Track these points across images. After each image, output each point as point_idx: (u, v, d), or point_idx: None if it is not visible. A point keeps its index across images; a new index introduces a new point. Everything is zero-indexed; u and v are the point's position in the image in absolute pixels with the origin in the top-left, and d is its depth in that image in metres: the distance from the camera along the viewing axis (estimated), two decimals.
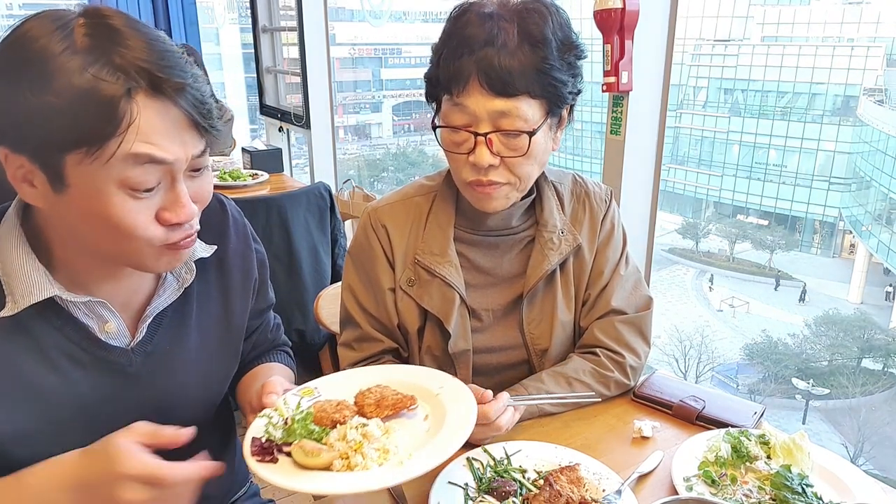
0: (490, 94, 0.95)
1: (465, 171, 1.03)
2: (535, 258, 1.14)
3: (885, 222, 20.33)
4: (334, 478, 0.76)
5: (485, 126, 0.98)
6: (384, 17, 25.31)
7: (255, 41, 4.24)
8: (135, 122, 0.69)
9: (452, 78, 0.97)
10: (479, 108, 0.97)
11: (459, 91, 0.97)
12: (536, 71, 0.96)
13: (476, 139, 0.98)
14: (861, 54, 23.08)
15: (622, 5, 1.74)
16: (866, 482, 0.92)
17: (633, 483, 0.92)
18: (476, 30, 0.96)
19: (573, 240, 1.15)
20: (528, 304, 1.15)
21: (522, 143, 0.99)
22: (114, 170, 0.70)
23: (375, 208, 1.18)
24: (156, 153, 0.71)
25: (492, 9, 0.98)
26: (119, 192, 0.71)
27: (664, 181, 4.53)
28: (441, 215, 1.14)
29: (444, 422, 0.85)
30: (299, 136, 4.04)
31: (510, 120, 0.97)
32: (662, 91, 1.94)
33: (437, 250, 1.12)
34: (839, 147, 22.95)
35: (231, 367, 1.01)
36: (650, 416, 1.11)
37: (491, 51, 0.94)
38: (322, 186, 2.70)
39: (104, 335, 0.84)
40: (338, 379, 0.96)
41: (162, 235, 0.76)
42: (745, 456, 0.95)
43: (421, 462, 0.78)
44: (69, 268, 0.81)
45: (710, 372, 16.13)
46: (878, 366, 15.65)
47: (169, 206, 0.75)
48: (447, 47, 0.99)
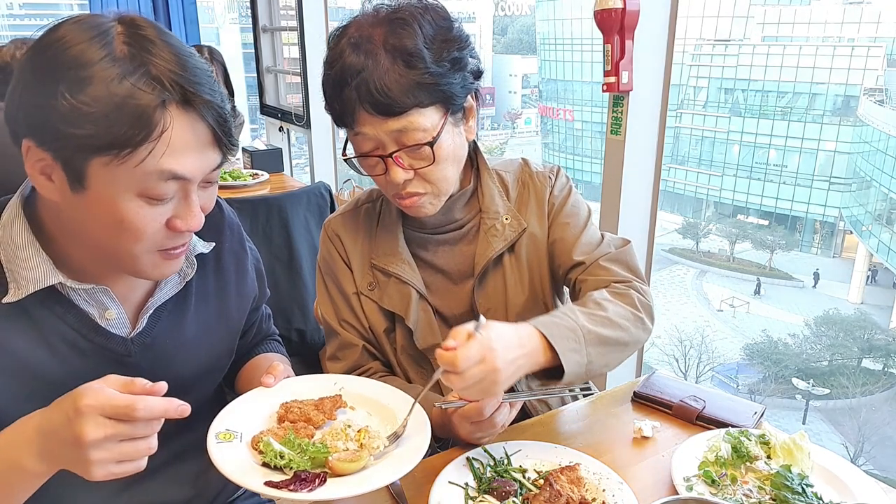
0: (380, 118, 0.97)
1: (387, 188, 1.06)
2: (480, 245, 1.15)
3: (886, 222, 20.34)
4: (370, 475, 0.80)
5: (389, 146, 1.00)
6: None
7: (255, 41, 4.24)
8: (166, 133, 0.72)
9: (343, 112, 1.00)
10: (377, 133, 0.99)
11: (353, 122, 1.00)
12: (417, 84, 0.96)
13: (385, 161, 1.01)
14: (861, 54, 23.10)
15: (622, 5, 1.74)
16: (866, 482, 0.92)
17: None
18: (349, 59, 0.97)
19: (518, 225, 1.16)
20: (478, 291, 1.16)
21: (427, 153, 1.01)
22: (137, 179, 0.72)
23: (330, 220, 1.23)
24: (179, 170, 0.74)
25: (359, 33, 0.99)
26: (136, 200, 0.74)
27: (664, 181, 4.54)
28: (388, 218, 1.17)
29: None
30: (299, 136, 4.04)
31: (409, 135, 0.98)
32: (662, 91, 1.94)
33: (389, 251, 1.15)
34: (839, 147, 22.98)
35: (225, 362, 1.03)
36: (650, 416, 1.11)
37: (366, 76, 0.95)
38: (322, 186, 2.70)
39: (105, 322, 0.85)
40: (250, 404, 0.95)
41: (164, 240, 0.79)
42: (745, 456, 0.95)
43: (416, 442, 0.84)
44: (71, 258, 0.82)
45: (710, 372, 16.15)
46: (878, 366, 15.67)
47: (181, 215, 0.78)
48: (329, 83, 1.03)
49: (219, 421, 0.85)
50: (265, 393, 0.93)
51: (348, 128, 1.02)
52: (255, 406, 0.91)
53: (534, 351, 0.92)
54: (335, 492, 0.77)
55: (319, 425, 0.89)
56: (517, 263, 1.17)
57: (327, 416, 0.91)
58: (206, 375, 0.99)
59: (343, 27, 1.04)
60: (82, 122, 0.69)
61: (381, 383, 1.00)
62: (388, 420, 0.92)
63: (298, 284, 2.59)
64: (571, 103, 28.34)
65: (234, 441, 0.83)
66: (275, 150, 3.44)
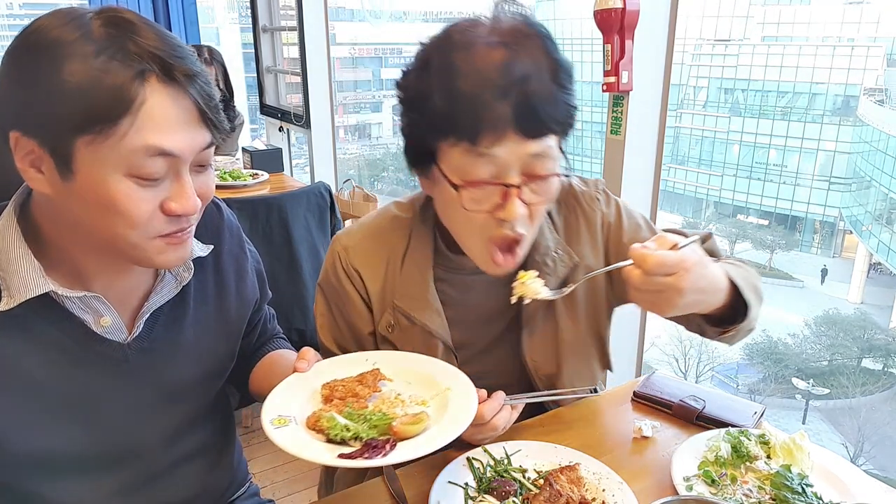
0: (524, 138, 0.83)
1: (487, 229, 0.89)
2: None
3: (886, 222, 20.33)
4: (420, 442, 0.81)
5: (515, 175, 0.85)
6: (384, 17, 25.26)
7: (255, 41, 4.24)
8: (146, 106, 0.70)
9: (479, 124, 0.81)
10: (510, 156, 0.83)
11: (492, 139, 0.82)
12: (566, 106, 0.86)
13: (507, 190, 0.85)
14: (861, 54, 23.09)
15: (622, 5, 1.73)
16: (866, 482, 0.92)
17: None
18: (503, 59, 0.81)
19: (569, 259, 1.04)
20: (527, 335, 1.06)
21: (552, 186, 0.89)
22: (123, 158, 0.71)
23: (346, 247, 1.06)
24: (165, 145, 0.72)
25: (493, 38, 0.83)
26: (126, 181, 0.72)
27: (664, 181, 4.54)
28: (419, 255, 1.03)
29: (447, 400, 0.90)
30: (299, 136, 4.04)
31: (544, 162, 0.85)
32: (662, 91, 1.94)
33: (417, 295, 1.02)
34: (839, 147, 22.96)
35: (227, 364, 1.02)
36: (650, 416, 1.11)
37: (529, 88, 0.81)
38: (322, 186, 2.70)
39: (100, 329, 0.84)
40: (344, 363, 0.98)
41: (162, 226, 0.77)
42: (744, 456, 0.95)
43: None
44: (66, 263, 0.81)
45: (710, 372, 16.13)
46: (878, 366, 15.65)
47: (174, 198, 0.76)
48: (457, 81, 0.82)
49: (268, 410, 0.86)
50: (302, 378, 0.92)
51: (473, 143, 0.83)
52: (296, 391, 0.91)
53: (718, 292, 0.86)
54: (407, 454, 0.79)
55: (367, 398, 0.89)
56: (570, 301, 1.06)
57: (371, 388, 0.91)
58: (206, 379, 0.99)
59: (465, 24, 0.87)
60: (61, 101, 0.68)
61: (411, 353, 1.00)
62: (427, 386, 0.93)
63: (298, 284, 2.59)
64: None
65: (291, 425, 0.84)
66: (275, 150, 3.44)
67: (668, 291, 0.78)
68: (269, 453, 2.56)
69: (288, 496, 2.33)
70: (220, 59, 3.34)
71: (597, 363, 1.16)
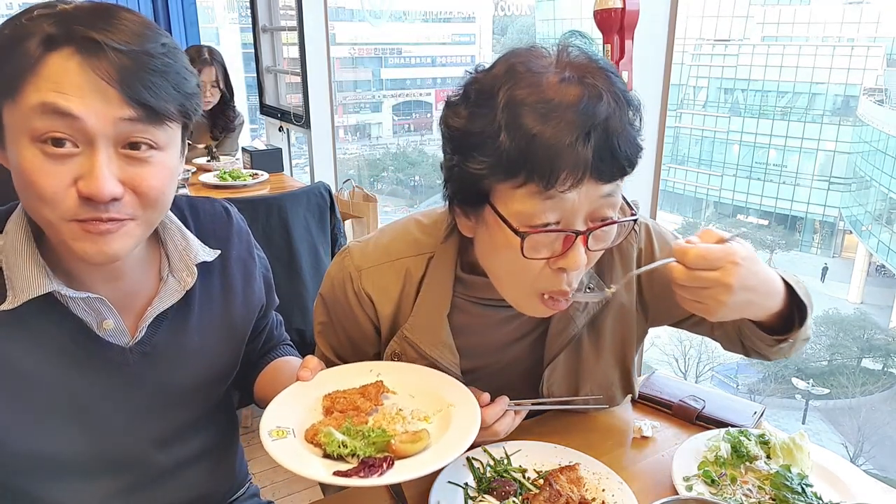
0: (599, 182, 0.76)
1: (542, 279, 0.82)
2: (556, 324, 0.99)
3: (885, 222, 20.33)
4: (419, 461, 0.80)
5: (581, 221, 0.78)
6: (384, 17, 25.27)
7: (255, 41, 4.24)
8: (47, 67, 0.68)
9: (556, 166, 0.73)
10: (583, 199, 0.76)
11: (567, 183, 0.74)
12: (636, 144, 0.78)
13: (574, 239, 0.78)
14: (861, 54, 23.10)
15: (622, 5, 1.73)
16: (866, 482, 0.92)
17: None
18: (582, 99, 0.74)
19: (602, 294, 0.95)
20: (549, 371, 1.02)
21: (610, 233, 0.82)
22: (25, 119, 0.69)
23: (360, 269, 0.99)
24: (61, 102, 0.67)
25: (566, 73, 0.76)
26: (31, 148, 0.69)
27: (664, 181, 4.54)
28: (436, 287, 0.96)
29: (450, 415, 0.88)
30: (299, 136, 4.03)
31: (612, 206, 0.79)
32: (662, 91, 1.94)
33: (429, 330, 0.97)
34: (839, 147, 22.97)
35: (230, 370, 1.02)
36: (650, 416, 1.11)
37: (611, 126, 0.74)
38: (322, 186, 2.70)
39: (102, 333, 0.84)
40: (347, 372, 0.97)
41: (73, 207, 0.71)
42: (744, 456, 0.95)
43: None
44: (70, 265, 0.81)
45: (709, 372, 16.13)
46: (877, 366, 15.65)
47: (84, 175, 0.70)
48: (540, 125, 0.73)
49: (267, 420, 0.84)
50: (304, 387, 0.91)
51: (540, 184, 0.74)
52: (298, 401, 0.89)
53: (773, 294, 0.81)
54: (404, 473, 0.77)
55: (368, 412, 0.88)
56: (597, 340, 1.02)
57: (374, 402, 0.89)
58: (209, 384, 0.98)
59: (526, 53, 0.79)
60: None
61: (417, 366, 0.98)
62: (431, 400, 0.91)
63: (298, 285, 2.59)
64: None
65: (289, 437, 0.82)
66: (274, 150, 3.44)
67: (715, 288, 0.73)
68: None
69: (288, 496, 2.33)
70: (220, 60, 3.35)
71: (618, 390, 1.10)
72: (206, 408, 0.99)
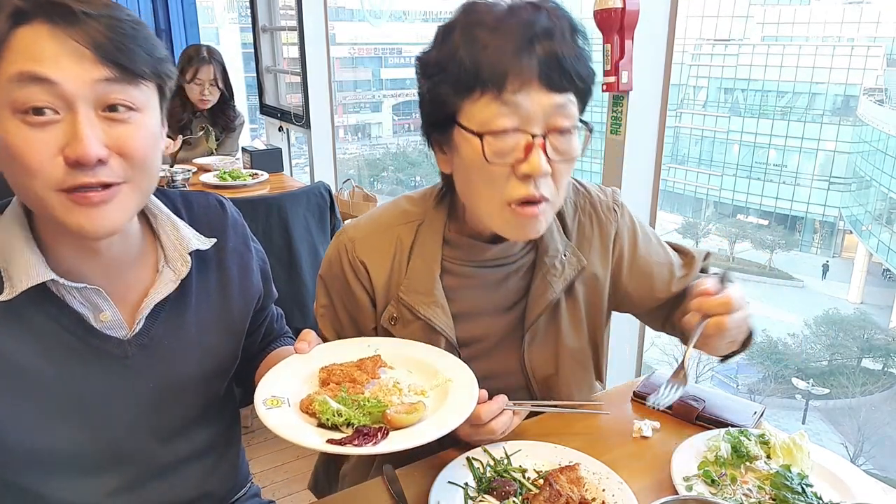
0: (548, 90, 0.85)
1: (509, 187, 0.88)
2: (537, 288, 1.04)
3: (885, 222, 20.33)
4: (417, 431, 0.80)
5: (538, 127, 0.85)
6: (384, 17, 25.26)
7: (255, 41, 4.24)
8: (17, 39, 0.69)
9: (504, 70, 0.83)
10: (535, 106, 0.84)
11: (516, 85, 0.83)
12: (585, 62, 0.88)
13: (532, 141, 0.85)
14: (861, 54, 23.11)
15: (622, 5, 1.73)
16: (866, 482, 0.92)
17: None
18: (535, 17, 0.85)
19: (577, 262, 1.05)
20: (529, 337, 1.07)
21: (574, 143, 0.89)
22: (4, 93, 0.69)
23: (353, 240, 1.05)
24: (37, 69, 0.69)
25: (518, 2, 0.88)
26: (13, 120, 0.70)
27: (664, 181, 4.54)
28: (427, 249, 1.02)
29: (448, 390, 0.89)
30: (299, 136, 4.04)
31: (565, 117, 0.86)
32: (662, 91, 1.94)
33: (422, 289, 1.01)
34: (839, 147, 22.98)
35: (230, 363, 1.02)
36: (650, 416, 1.11)
37: (555, 43, 0.84)
38: (322, 186, 2.70)
39: (99, 325, 0.84)
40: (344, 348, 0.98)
41: (60, 175, 0.71)
42: (744, 456, 0.95)
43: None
44: (65, 256, 0.81)
45: (709, 372, 16.12)
46: (877, 365, 15.65)
47: (69, 141, 0.71)
48: (481, 38, 0.84)
49: (262, 389, 0.85)
50: (301, 359, 0.92)
51: (498, 91, 0.84)
52: (294, 372, 0.90)
53: (744, 331, 0.97)
54: (398, 444, 0.77)
55: (364, 385, 0.88)
56: (574, 307, 1.08)
57: (371, 375, 0.90)
58: (210, 377, 0.98)
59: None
60: None
61: (414, 342, 0.99)
62: (429, 376, 0.92)
63: (298, 284, 2.59)
64: None
65: (283, 406, 0.83)
66: (274, 150, 3.44)
67: (744, 323, 0.92)
68: (270, 453, 2.56)
69: (288, 496, 2.33)
70: (220, 59, 3.34)
71: (591, 373, 1.16)
72: (208, 403, 0.99)
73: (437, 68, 0.89)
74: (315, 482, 1.28)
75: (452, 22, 0.90)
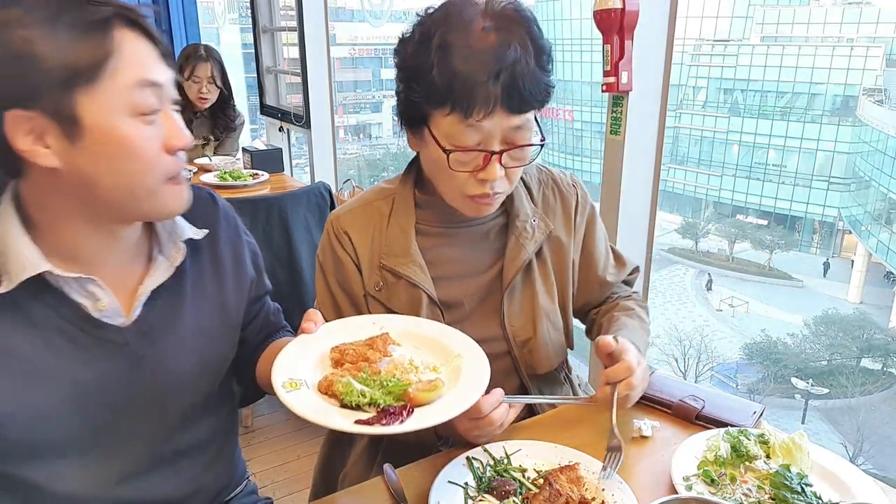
0: (509, 114, 0.95)
1: (467, 185, 1.01)
2: (511, 250, 1.12)
3: (885, 222, 20.34)
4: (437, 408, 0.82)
5: (496, 143, 0.97)
6: (384, 17, 25.26)
7: (255, 41, 4.24)
8: (124, 45, 0.76)
9: (472, 100, 0.93)
10: (494, 127, 0.95)
11: (481, 114, 0.94)
12: (546, 86, 0.98)
13: (489, 157, 0.98)
14: (861, 54, 23.11)
15: (622, 5, 1.73)
16: (865, 482, 0.92)
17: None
18: (500, 46, 0.93)
19: (545, 226, 1.15)
20: (508, 298, 1.13)
21: (527, 153, 1.01)
22: (122, 97, 0.76)
23: (338, 216, 1.16)
24: (150, 76, 0.78)
25: (497, 22, 0.95)
26: (131, 121, 0.77)
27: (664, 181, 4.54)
28: (401, 216, 1.12)
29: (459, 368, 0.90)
30: (299, 136, 4.03)
31: (523, 133, 0.98)
32: (662, 91, 1.94)
33: (400, 251, 1.10)
34: (838, 147, 22.99)
35: (228, 353, 1.03)
36: (650, 416, 1.11)
37: (518, 70, 0.93)
38: (322, 186, 2.70)
39: (98, 313, 0.85)
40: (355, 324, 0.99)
41: (169, 165, 0.81)
42: (744, 455, 0.95)
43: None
44: (61, 248, 0.82)
45: (709, 371, 16.14)
46: (877, 365, 15.66)
47: (171, 134, 0.81)
48: (454, 62, 0.93)
49: (278, 372, 0.85)
50: (309, 340, 0.92)
51: (464, 115, 0.94)
52: (305, 353, 0.91)
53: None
54: (424, 420, 0.78)
55: (378, 363, 0.89)
56: (544, 269, 1.16)
57: (382, 353, 0.91)
58: (207, 369, 0.99)
59: (460, 4, 0.98)
60: (50, 59, 0.72)
61: (417, 318, 1.04)
62: (436, 351, 0.93)
63: (298, 284, 2.59)
64: (571, 103, 28.32)
65: (302, 389, 0.83)
66: (275, 150, 3.44)
67: (644, 380, 1.03)
68: (270, 453, 2.56)
69: (288, 496, 2.33)
70: (218, 57, 3.34)
71: (563, 336, 1.21)
72: (206, 395, 1.00)
73: (412, 74, 0.98)
74: (314, 490, 1.28)
75: (431, 28, 0.97)
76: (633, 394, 0.98)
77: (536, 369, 1.16)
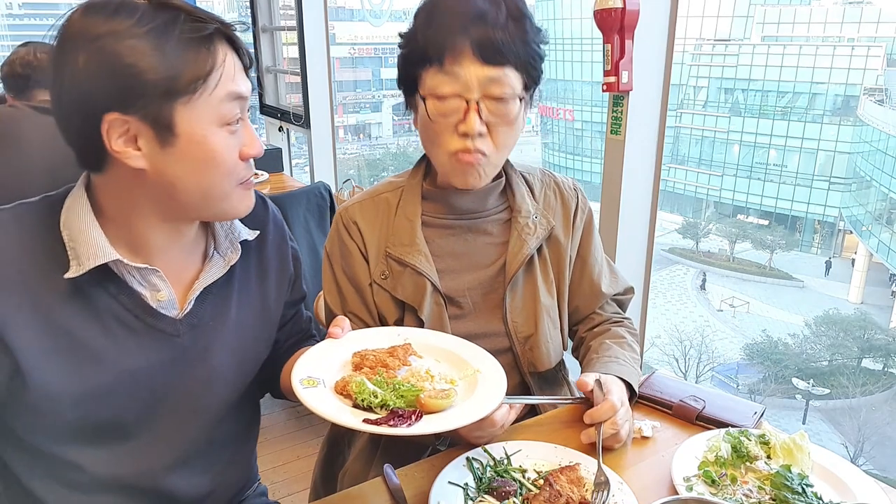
0: (481, 63, 1.00)
1: (451, 141, 1.04)
2: (513, 245, 1.15)
3: (885, 222, 20.34)
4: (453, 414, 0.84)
5: (475, 93, 1.01)
6: (384, 17, 25.29)
7: (255, 41, 4.24)
8: (225, 61, 0.80)
9: (444, 48, 1.00)
10: (471, 76, 1.00)
11: (452, 60, 1.00)
12: (522, 43, 1.02)
13: (467, 105, 1.02)
14: (861, 54, 23.11)
15: (622, 5, 1.73)
16: (866, 482, 0.92)
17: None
18: (465, 6, 1.00)
19: (547, 223, 1.18)
20: (510, 293, 1.15)
21: (510, 108, 1.03)
22: (215, 109, 0.80)
23: (347, 207, 1.20)
24: (238, 89, 0.82)
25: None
26: (219, 131, 0.81)
27: (664, 181, 4.54)
28: (408, 207, 1.16)
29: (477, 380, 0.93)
30: (299, 136, 4.03)
31: (499, 86, 1.01)
32: (662, 91, 1.94)
33: (406, 241, 1.13)
34: (839, 147, 22.98)
35: (263, 352, 1.05)
36: (650, 416, 1.11)
37: (487, 22, 0.99)
38: (322, 186, 2.70)
39: (156, 304, 0.88)
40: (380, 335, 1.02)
41: (243, 171, 0.87)
42: (745, 456, 0.95)
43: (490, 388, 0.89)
44: (127, 239, 0.86)
45: (710, 372, 16.14)
46: (878, 366, 15.65)
47: (248, 142, 0.86)
48: (434, 22, 1.02)
49: (299, 369, 0.89)
50: (334, 344, 0.96)
51: (440, 64, 1.01)
52: (328, 356, 0.94)
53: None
54: (432, 426, 0.80)
55: (396, 370, 0.92)
56: (544, 266, 1.18)
57: (402, 362, 0.94)
58: (244, 367, 1.01)
59: None
60: (159, 72, 0.75)
61: (441, 332, 1.06)
62: (456, 365, 0.96)
63: None
64: (571, 103, 28.34)
65: (319, 387, 0.86)
66: (274, 150, 3.44)
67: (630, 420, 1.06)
68: (270, 453, 2.56)
69: (288, 496, 2.33)
70: None
71: (560, 334, 1.22)
72: (241, 392, 1.02)
73: (405, 42, 1.07)
74: (314, 488, 1.28)
75: (424, 3, 1.06)
76: (620, 433, 1.00)
77: (537, 367, 1.17)
